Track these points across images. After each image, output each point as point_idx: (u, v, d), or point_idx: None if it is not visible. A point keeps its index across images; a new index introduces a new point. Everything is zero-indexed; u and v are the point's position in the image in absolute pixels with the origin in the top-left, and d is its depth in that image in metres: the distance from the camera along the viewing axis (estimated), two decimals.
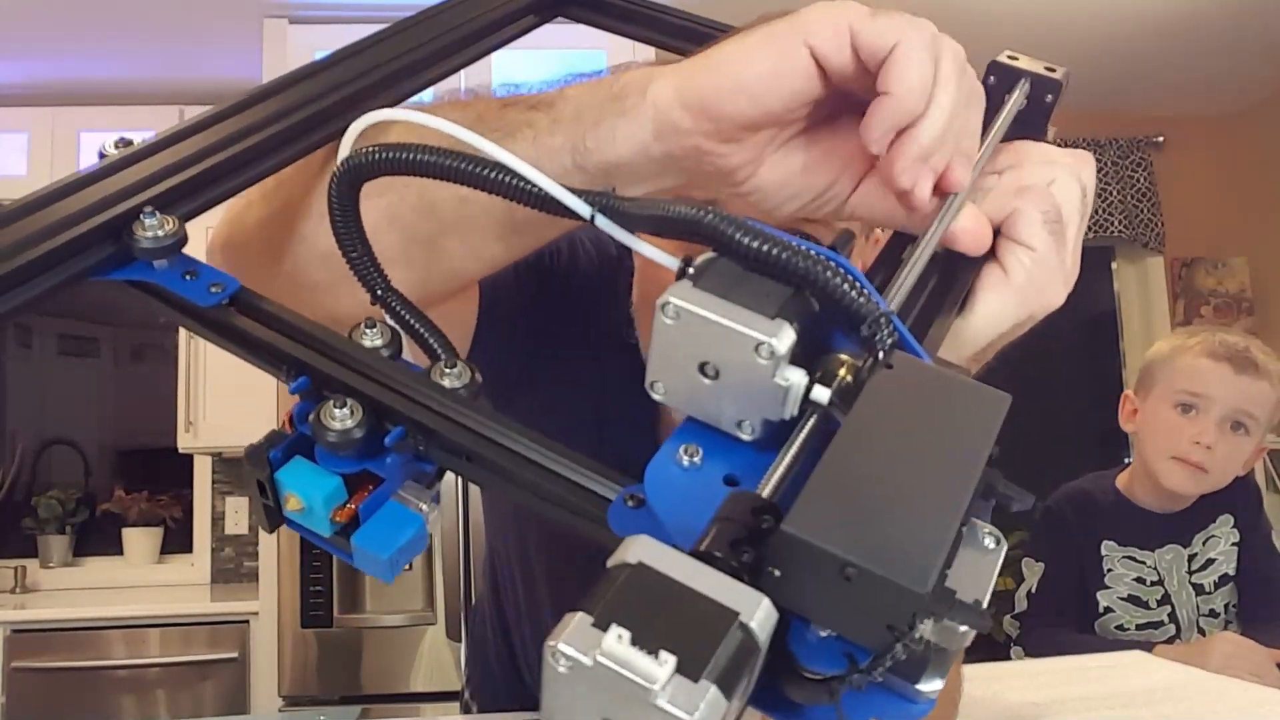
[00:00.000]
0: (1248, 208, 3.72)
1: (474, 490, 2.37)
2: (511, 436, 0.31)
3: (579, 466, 0.31)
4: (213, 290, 0.35)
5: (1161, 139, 3.72)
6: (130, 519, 3.29)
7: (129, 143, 0.38)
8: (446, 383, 0.33)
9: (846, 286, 0.28)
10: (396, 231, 0.48)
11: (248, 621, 2.71)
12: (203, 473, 3.35)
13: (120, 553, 3.32)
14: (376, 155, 0.36)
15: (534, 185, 0.33)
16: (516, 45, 0.58)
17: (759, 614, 0.22)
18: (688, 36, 0.58)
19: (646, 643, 0.21)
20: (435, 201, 0.48)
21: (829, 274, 0.28)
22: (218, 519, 3.34)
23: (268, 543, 2.57)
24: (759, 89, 0.41)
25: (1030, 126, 0.49)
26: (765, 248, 0.28)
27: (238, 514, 3.33)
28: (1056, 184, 0.46)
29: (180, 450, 3.04)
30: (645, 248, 0.33)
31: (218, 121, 0.42)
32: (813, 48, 0.40)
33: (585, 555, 0.96)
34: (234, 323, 0.35)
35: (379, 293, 0.39)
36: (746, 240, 0.29)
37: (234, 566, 3.33)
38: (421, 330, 0.38)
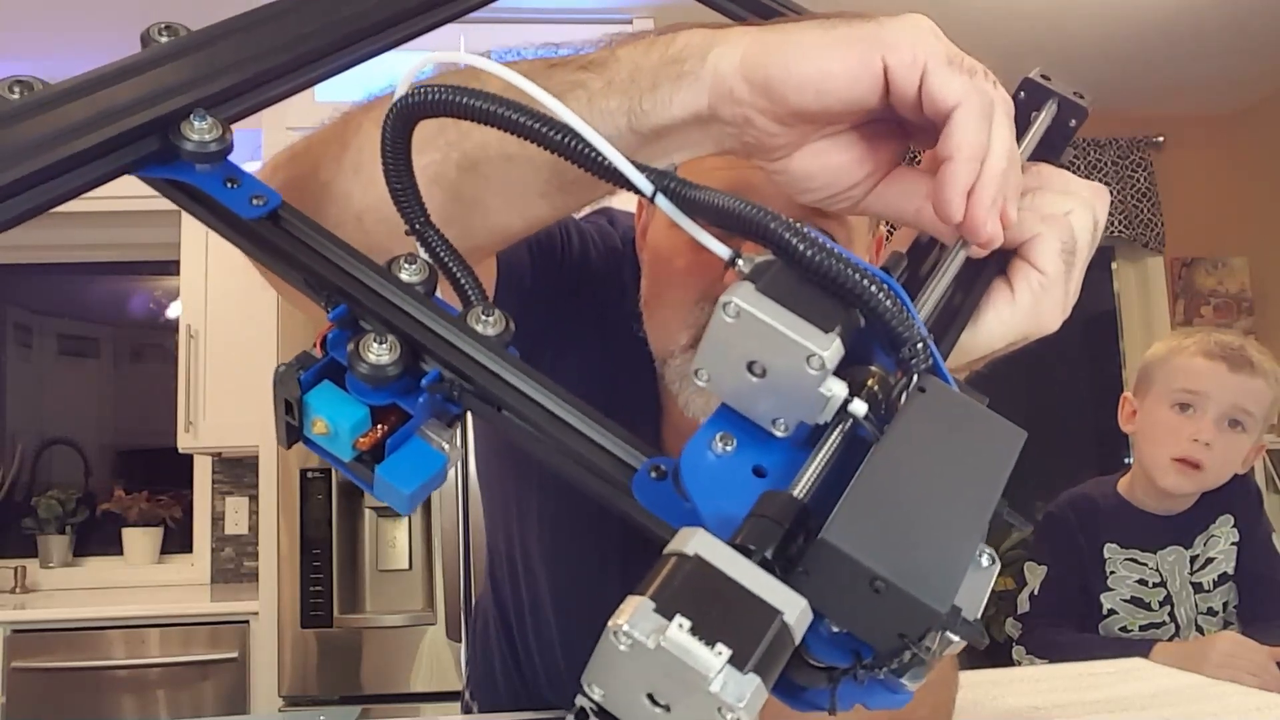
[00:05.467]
0: (1248, 208, 3.72)
1: (474, 489, 2.37)
2: (546, 394, 0.32)
3: (606, 432, 0.32)
4: (254, 203, 0.34)
5: (1161, 139, 3.73)
6: (130, 519, 3.30)
7: (175, 30, 0.37)
8: (483, 329, 0.33)
9: (895, 310, 0.30)
10: (439, 190, 0.48)
11: (248, 621, 2.71)
12: (203, 473, 3.35)
13: (120, 553, 3.33)
14: (436, 95, 0.35)
15: (599, 154, 0.33)
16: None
17: (797, 615, 0.25)
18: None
19: (704, 633, 0.23)
20: (479, 161, 0.48)
21: (882, 296, 0.30)
22: (218, 519, 3.34)
23: (268, 543, 2.56)
24: (827, 87, 0.41)
25: (1050, 148, 0.51)
26: (826, 263, 0.30)
27: (238, 514, 3.34)
28: (1073, 215, 0.47)
29: (180, 450, 3.04)
30: (700, 233, 0.33)
31: (270, 20, 0.40)
32: (888, 66, 0.41)
33: (585, 555, 0.95)
34: (273, 239, 0.35)
35: (417, 227, 0.39)
36: (810, 253, 0.30)
37: (234, 566, 3.33)
38: (456, 271, 0.38)
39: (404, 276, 0.34)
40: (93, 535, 3.39)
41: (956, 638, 0.26)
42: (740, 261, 0.31)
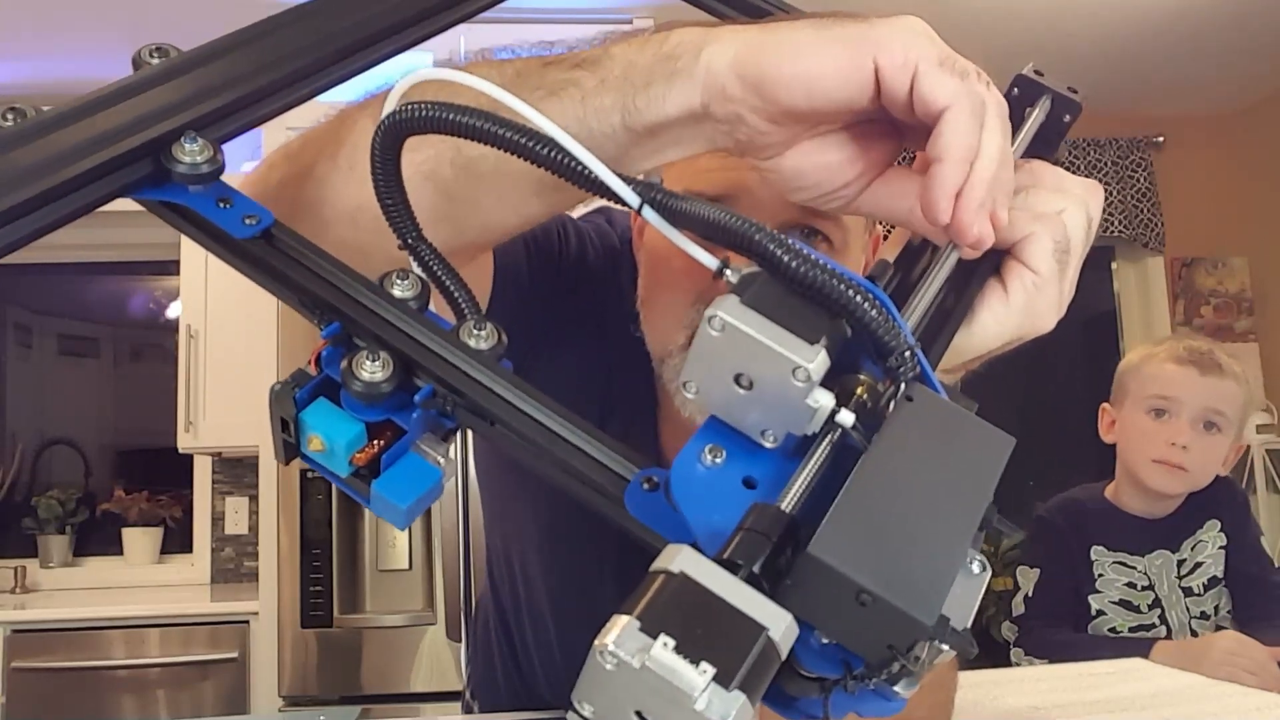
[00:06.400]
0: (1248, 208, 3.73)
1: (474, 490, 2.37)
2: (538, 407, 0.32)
3: (600, 444, 0.32)
4: (247, 222, 0.35)
5: (1161, 139, 3.73)
6: (130, 519, 3.29)
7: (166, 52, 0.37)
8: (475, 344, 0.34)
9: (881, 319, 0.30)
10: (433, 187, 0.48)
11: (248, 621, 2.71)
12: (203, 473, 3.35)
13: (120, 553, 3.33)
14: (424, 112, 0.35)
15: (584, 166, 0.34)
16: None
17: (783, 630, 0.25)
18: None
19: (689, 651, 0.23)
20: (474, 158, 0.48)
21: (867, 306, 0.30)
22: (218, 519, 3.34)
23: (268, 543, 2.57)
24: (819, 87, 0.41)
25: (1044, 144, 0.50)
26: (811, 274, 0.30)
27: (238, 514, 3.34)
28: (1067, 213, 0.47)
29: (180, 450, 3.04)
30: (687, 244, 0.33)
31: (259, 39, 0.40)
32: (879, 67, 0.41)
33: (581, 556, 0.95)
34: (266, 258, 0.35)
35: (409, 241, 0.39)
36: (794, 264, 0.30)
37: (234, 566, 3.33)
38: (450, 285, 0.38)
39: (396, 292, 0.34)
40: (93, 535, 3.39)
41: (946, 647, 0.26)
42: (728, 272, 0.31)
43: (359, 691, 2.52)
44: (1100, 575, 1.61)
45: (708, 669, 0.23)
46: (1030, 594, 1.64)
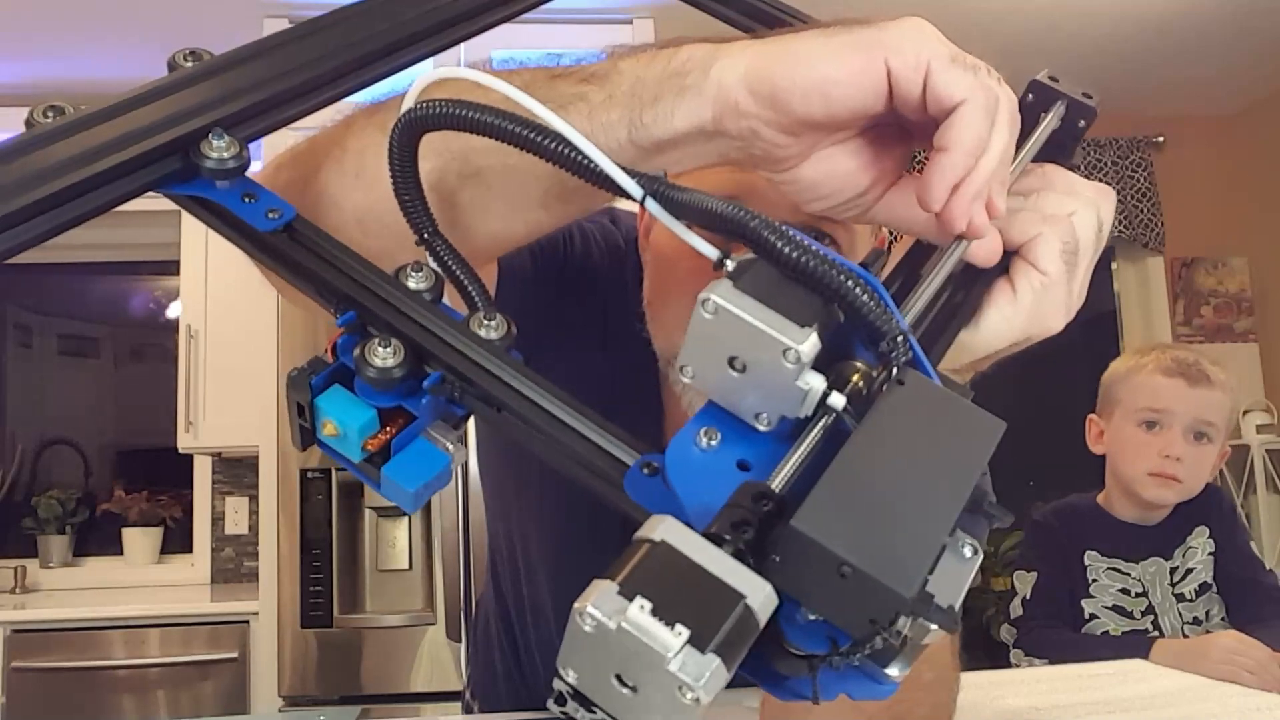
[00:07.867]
0: (1248, 208, 3.72)
1: (474, 489, 2.37)
2: (543, 394, 0.33)
3: (602, 430, 0.33)
4: (270, 216, 0.36)
5: (1161, 139, 3.73)
6: (130, 519, 3.30)
7: (199, 55, 0.39)
8: (484, 333, 0.35)
9: (873, 304, 0.31)
10: (438, 197, 0.48)
11: (248, 621, 2.71)
12: (203, 473, 3.35)
13: (120, 553, 3.33)
14: (440, 109, 0.36)
15: (590, 161, 0.35)
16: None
17: (761, 599, 0.25)
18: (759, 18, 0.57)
19: (665, 614, 0.24)
20: (481, 168, 0.48)
21: (858, 290, 0.30)
22: (218, 519, 3.35)
23: (268, 543, 2.57)
24: (835, 93, 0.41)
25: (1059, 149, 0.50)
26: (804, 259, 0.30)
27: (238, 514, 3.34)
28: (1077, 216, 0.47)
29: (180, 450, 3.04)
30: (689, 235, 0.34)
31: (289, 43, 0.41)
32: (891, 69, 0.41)
33: (584, 557, 0.95)
34: (288, 250, 0.37)
35: (425, 235, 0.40)
36: (787, 250, 0.31)
37: (234, 566, 3.33)
38: (463, 278, 0.39)
39: (411, 284, 0.35)
40: (93, 535, 3.39)
41: (931, 624, 0.26)
42: (728, 261, 0.32)
43: (359, 691, 2.52)
44: (1094, 580, 1.63)
45: (683, 631, 0.23)
46: (1028, 597, 1.65)
